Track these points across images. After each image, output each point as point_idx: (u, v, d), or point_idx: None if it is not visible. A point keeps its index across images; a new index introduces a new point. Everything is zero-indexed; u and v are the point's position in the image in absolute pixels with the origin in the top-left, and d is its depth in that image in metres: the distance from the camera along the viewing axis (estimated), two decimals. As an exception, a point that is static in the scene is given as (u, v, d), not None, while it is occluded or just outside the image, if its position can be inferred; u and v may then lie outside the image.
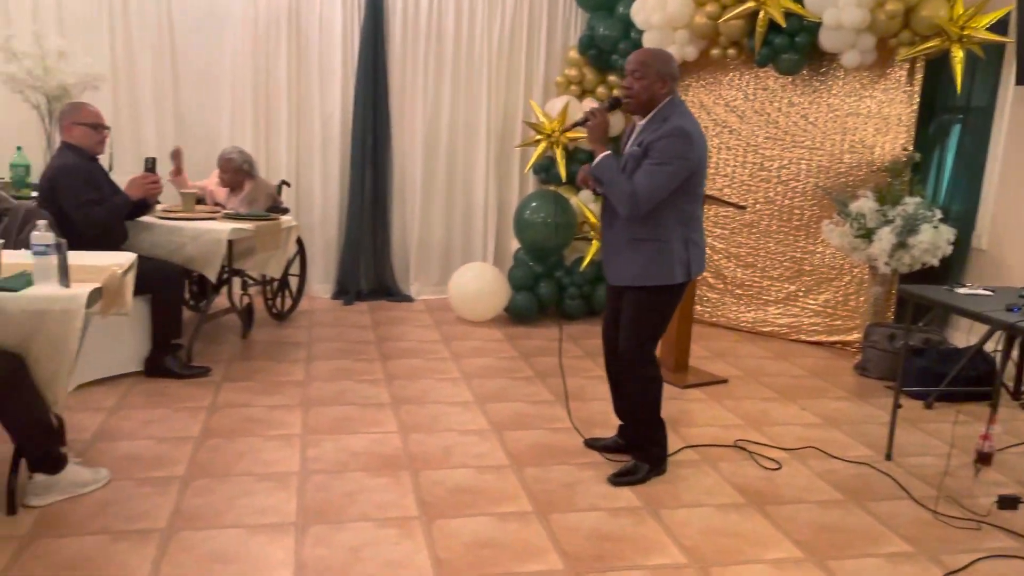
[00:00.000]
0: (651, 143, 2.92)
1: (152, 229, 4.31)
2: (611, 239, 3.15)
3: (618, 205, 2.98)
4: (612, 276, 3.18)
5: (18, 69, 4.58)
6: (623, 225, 3.05)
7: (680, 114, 2.98)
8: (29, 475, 2.76)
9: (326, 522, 2.76)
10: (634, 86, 2.99)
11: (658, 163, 2.89)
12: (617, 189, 2.95)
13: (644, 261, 3.03)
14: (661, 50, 3.16)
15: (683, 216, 3.04)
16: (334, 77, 5.98)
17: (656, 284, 3.04)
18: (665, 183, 2.91)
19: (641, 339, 3.13)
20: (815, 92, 5.39)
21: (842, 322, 5.39)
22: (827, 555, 2.71)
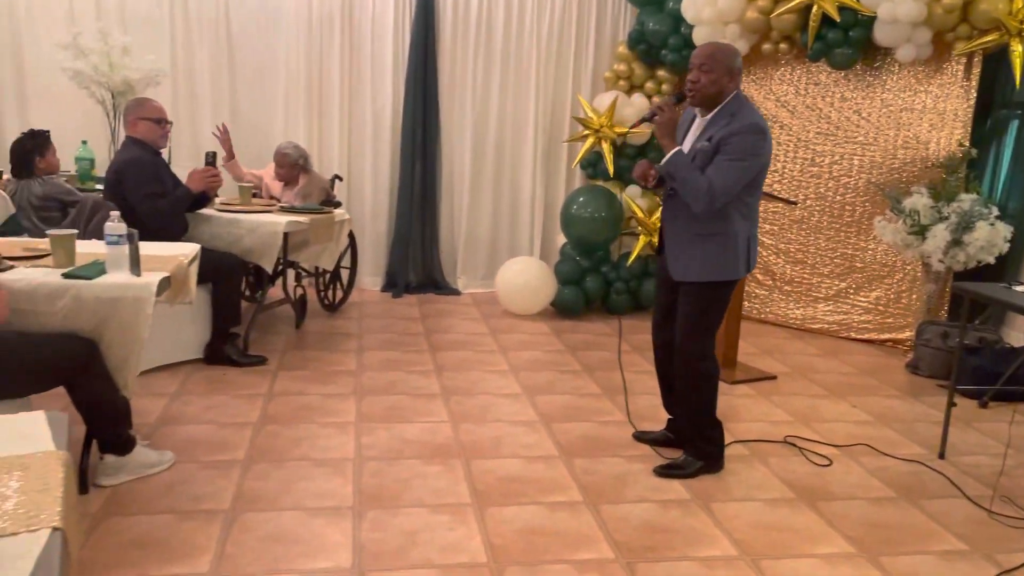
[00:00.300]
0: (724, 138, 2.90)
1: (211, 221, 4.43)
2: (675, 235, 3.14)
3: (693, 201, 2.95)
4: (676, 272, 3.14)
5: (85, 65, 4.75)
6: (688, 220, 3.04)
7: (750, 110, 2.98)
8: (100, 456, 2.87)
9: (382, 507, 2.83)
10: (701, 79, 2.97)
11: (733, 159, 2.88)
12: (692, 185, 2.92)
13: (710, 256, 3.03)
14: (728, 44, 3.15)
15: (746, 210, 3.04)
16: (385, 73, 6.07)
17: (720, 279, 3.05)
18: (740, 179, 2.91)
19: (701, 335, 3.13)
20: (868, 87, 5.32)
21: (893, 320, 5.33)
22: (879, 551, 2.70)
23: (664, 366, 3.40)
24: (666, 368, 3.39)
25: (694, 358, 3.15)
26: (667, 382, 3.43)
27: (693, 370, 3.17)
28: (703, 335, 3.14)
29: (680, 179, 2.96)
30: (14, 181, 4.30)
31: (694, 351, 3.14)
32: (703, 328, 3.13)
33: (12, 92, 5.53)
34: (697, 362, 3.15)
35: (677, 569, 2.53)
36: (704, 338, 3.14)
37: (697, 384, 3.18)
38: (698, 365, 3.15)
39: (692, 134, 3.10)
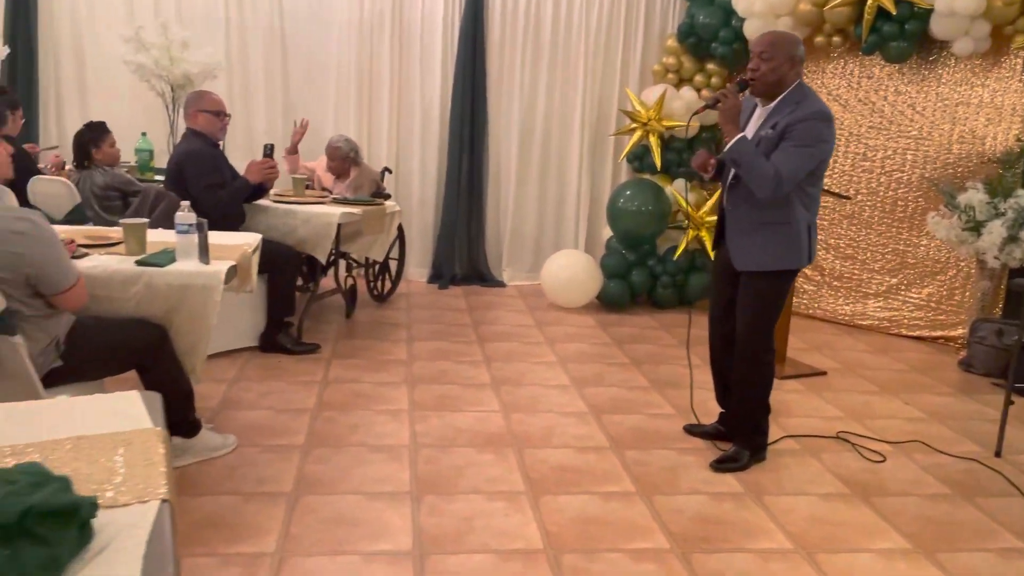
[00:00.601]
0: (790, 125, 2.90)
1: (267, 212, 4.53)
2: (737, 224, 3.13)
3: (758, 188, 2.93)
4: (739, 261, 3.13)
5: (146, 59, 4.87)
6: (750, 209, 3.05)
7: (815, 98, 2.98)
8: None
9: (438, 493, 2.89)
10: (761, 67, 2.96)
11: (800, 145, 2.88)
12: (758, 171, 2.91)
13: (773, 245, 3.03)
14: (789, 32, 3.16)
15: (807, 200, 3.03)
16: (434, 67, 6.13)
17: (782, 268, 3.05)
18: (806, 165, 2.91)
19: (762, 325, 3.13)
20: (923, 81, 5.25)
21: (946, 317, 5.26)
22: (936, 547, 2.69)
23: (719, 360, 3.40)
24: (721, 362, 3.39)
25: (756, 349, 3.15)
26: (721, 376, 3.42)
27: (754, 361, 3.16)
28: (766, 326, 3.14)
29: (745, 165, 2.94)
30: (77, 171, 4.43)
31: (756, 342, 3.14)
32: (766, 319, 3.13)
33: (74, 86, 5.69)
34: (759, 353, 3.15)
35: (733, 560, 2.55)
36: (767, 329, 3.14)
37: (756, 376, 3.19)
38: (759, 356, 3.15)
39: (753, 123, 3.10)
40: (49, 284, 2.35)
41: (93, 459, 1.32)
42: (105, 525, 1.11)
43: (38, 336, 2.42)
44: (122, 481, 1.26)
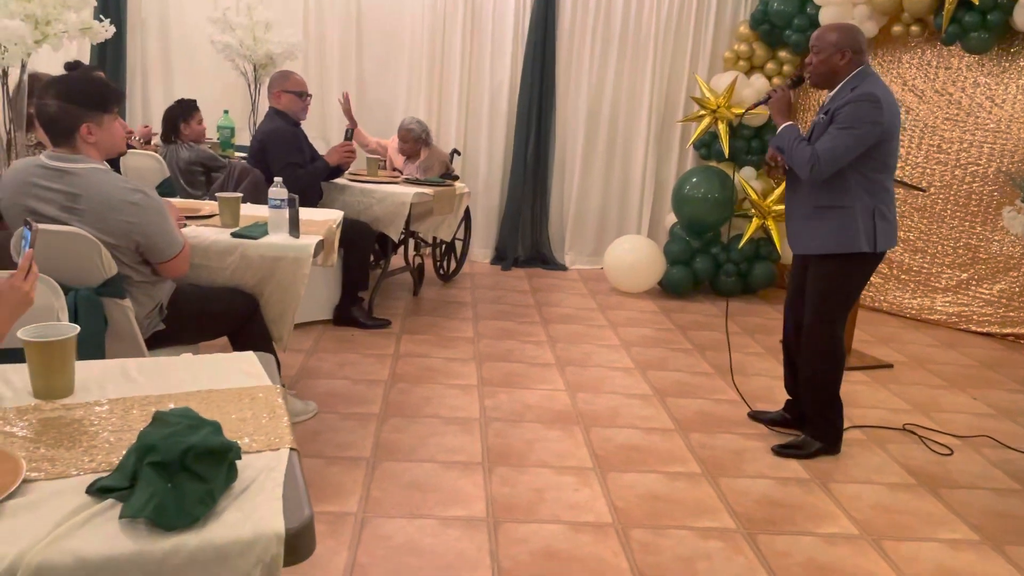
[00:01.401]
0: (837, 108, 2.96)
1: (344, 190, 4.68)
2: (795, 208, 3.19)
3: (799, 169, 3.03)
4: (796, 245, 3.20)
5: (232, 39, 5.04)
6: (807, 193, 3.09)
7: (871, 82, 2.98)
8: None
9: (509, 465, 2.99)
10: (812, 60, 3.08)
11: (842, 127, 2.92)
12: (797, 153, 3.01)
13: (827, 229, 3.04)
14: (844, 23, 3.21)
15: (871, 185, 3.01)
16: (504, 50, 6.20)
17: (839, 252, 3.04)
18: (850, 146, 2.92)
19: (825, 313, 3.13)
20: (1004, 72, 5.14)
21: (1017, 314, 5.17)
22: (1004, 540, 2.71)
23: (791, 346, 3.42)
24: (792, 349, 3.41)
25: (818, 336, 3.15)
26: (792, 363, 3.44)
27: (817, 348, 3.17)
28: (829, 313, 3.13)
29: (787, 149, 3.08)
30: (163, 146, 4.64)
31: (819, 329, 3.15)
32: (829, 306, 3.13)
33: (159, 64, 5.92)
34: (821, 341, 3.15)
35: (798, 543, 2.60)
36: (830, 317, 3.13)
37: (820, 363, 3.19)
38: (821, 344, 3.16)
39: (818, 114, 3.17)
40: (156, 252, 2.50)
41: (224, 410, 1.45)
42: (244, 467, 1.24)
43: (144, 300, 2.58)
44: (253, 430, 1.38)
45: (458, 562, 2.35)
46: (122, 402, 1.47)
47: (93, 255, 2.34)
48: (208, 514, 1.11)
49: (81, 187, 2.34)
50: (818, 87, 3.19)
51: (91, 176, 2.37)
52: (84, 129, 2.32)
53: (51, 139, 2.38)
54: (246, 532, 1.09)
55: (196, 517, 1.09)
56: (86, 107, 2.33)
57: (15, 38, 2.99)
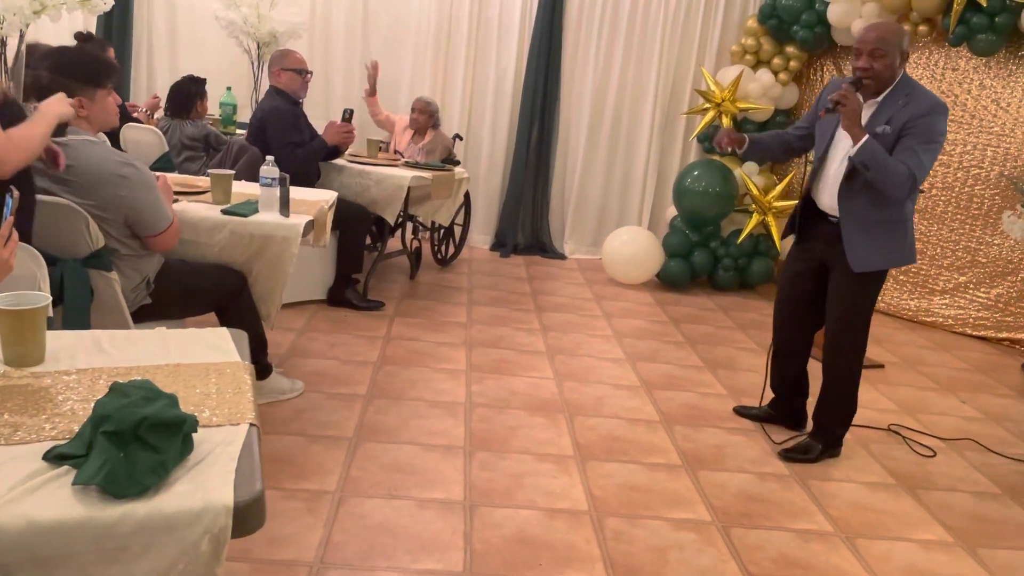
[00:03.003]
0: (910, 121, 2.81)
1: (342, 171, 4.69)
2: (854, 224, 2.98)
3: (893, 189, 2.83)
4: (857, 262, 2.99)
5: (236, 16, 5.05)
6: (866, 206, 2.94)
7: (924, 89, 2.88)
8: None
9: (490, 450, 3.01)
10: (874, 65, 2.84)
11: (926, 142, 2.80)
12: (892, 172, 2.79)
13: (889, 244, 2.98)
14: (894, 24, 3.06)
15: (914, 196, 2.99)
16: (511, 36, 6.19)
17: (900, 266, 3.06)
18: (933, 162, 2.87)
19: (857, 324, 3.10)
20: (1010, 76, 5.10)
21: (1014, 319, 5.15)
22: (978, 543, 2.72)
23: (781, 349, 3.39)
24: (788, 353, 3.38)
25: (849, 347, 3.11)
26: (784, 366, 3.41)
27: (846, 358, 3.13)
28: (861, 323, 3.10)
29: (877, 167, 2.81)
30: (167, 119, 4.64)
31: (850, 340, 3.11)
32: (862, 316, 3.10)
33: (165, 39, 5.93)
34: (851, 351, 3.12)
35: (772, 537, 2.61)
36: (861, 327, 3.11)
37: (848, 369, 3.15)
38: (851, 354, 3.12)
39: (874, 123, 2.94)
40: (145, 226, 2.52)
41: (190, 384, 1.47)
42: (201, 440, 1.26)
43: (131, 274, 2.60)
44: (215, 404, 1.40)
45: (431, 543, 2.37)
46: (90, 372, 1.49)
47: (81, 226, 2.36)
48: (160, 484, 1.13)
49: (72, 158, 2.36)
50: (873, 96, 2.92)
51: (82, 148, 2.38)
52: (76, 102, 2.34)
53: (43, 110, 2.40)
54: (195, 503, 1.11)
55: (147, 486, 1.11)
56: (79, 80, 2.35)
57: (14, 8, 2.99)
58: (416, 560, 2.28)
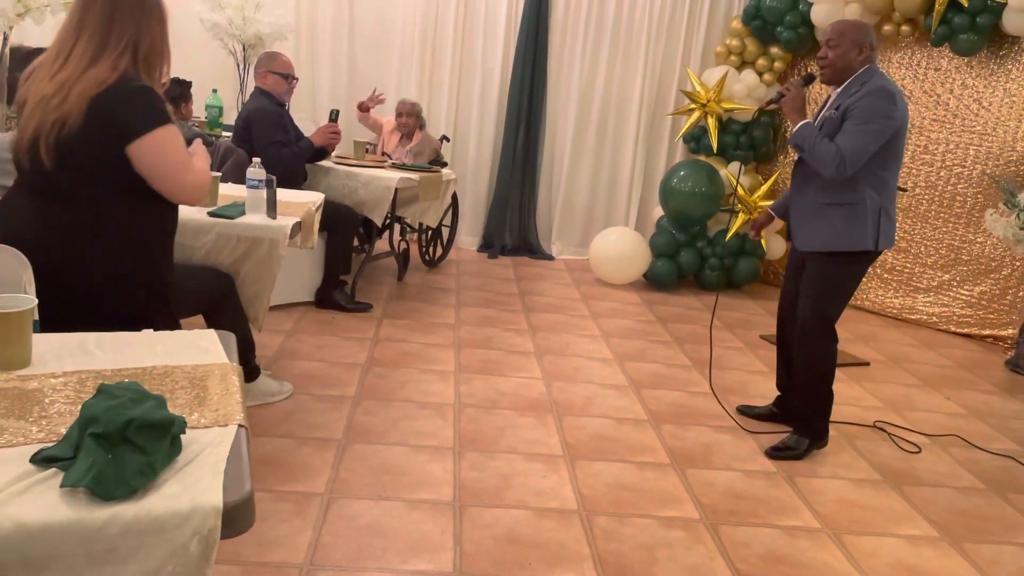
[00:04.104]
0: (851, 105, 2.94)
1: (329, 173, 4.68)
2: (801, 204, 3.15)
3: (823, 168, 2.96)
4: (801, 242, 3.17)
5: (221, 18, 5.03)
6: (816, 190, 3.06)
7: (881, 78, 2.98)
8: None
9: (479, 450, 3.02)
10: (829, 55, 3.03)
11: (861, 123, 2.89)
12: (820, 152, 2.94)
13: (835, 226, 3.03)
14: (857, 20, 3.22)
15: (877, 183, 3.01)
16: (497, 38, 6.20)
17: (845, 250, 3.04)
18: (870, 143, 2.90)
19: (823, 310, 3.13)
20: (991, 75, 5.16)
21: (996, 316, 5.21)
22: (963, 538, 2.74)
23: (784, 344, 3.43)
24: (786, 346, 3.42)
25: (816, 334, 3.15)
26: (786, 361, 3.44)
27: (814, 345, 3.16)
28: (827, 311, 3.13)
29: (808, 148, 2.99)
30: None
31: (816, 327, 3.14)
32: (827, 303, 3.13)
33: (150, 40, 5.89)
34: (816, 337, 3.15)
35: (759, 534, 2.63)
36: (828, 314, 3.13)
37: (816, 362, 3.18)
38: (816, 340, 3.15)
39: (825, 109, 3.14)
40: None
41: (178, 385, 1.47)
42: (190, 442, 1.25)
43: (117, 277, 2.58)
44: (204, 406, 1.40)
45: (421, 544, 2.38)
46: (77, 375, 1.48)
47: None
48: (148, 486, 1.13)
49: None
50: (829, 83, 3.11)
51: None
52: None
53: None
54: (184, 504, 1.11)
55: (135, 488, 1.11)
56: None
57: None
58: (405, 561, 2.28)
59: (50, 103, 2.02)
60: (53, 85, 2.03)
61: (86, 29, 2.07)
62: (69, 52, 2.06)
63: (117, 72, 2.05)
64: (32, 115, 2.04)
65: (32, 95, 2.07)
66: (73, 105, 2.00)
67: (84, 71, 2.03)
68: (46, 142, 2.01)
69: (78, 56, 2.05)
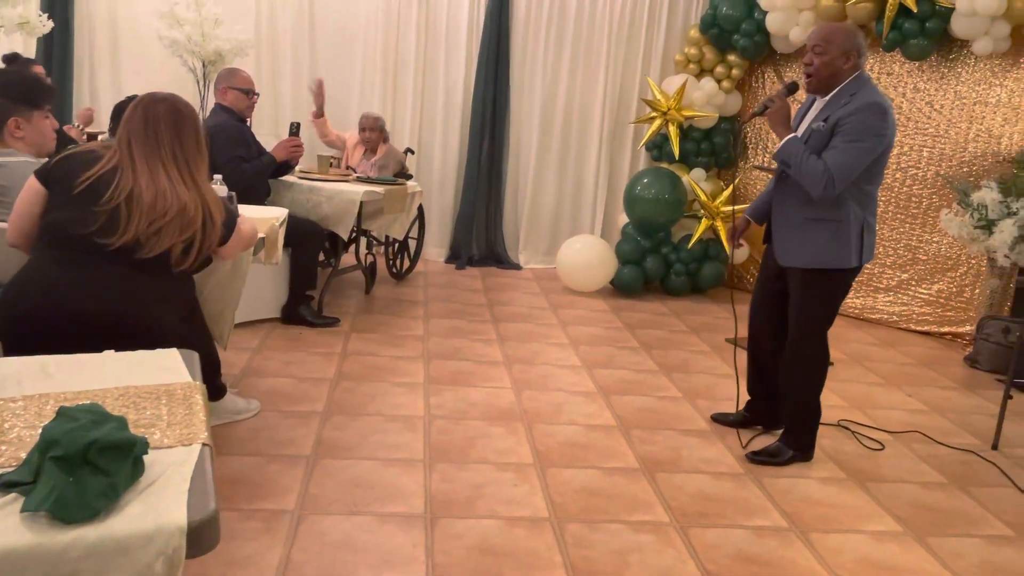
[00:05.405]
0: (842, 119, 2.84)
1: (292, 187, 4.67)
2: (784, 218, 3.09)
3: (810, 187, 2.88)
4: (784, 257, 3.10)
5: (180, 34, 5.00)
6: (799, 205, 3.00)
7: (871, 89, 2.90)
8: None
9: (450, 461, 3.02)
10: (815, 62, 2.91)
11: (852, 140, 2.81)
12: (808, 170, 2.86)
13: (821, 243, 2.97)
14: (844, 24, 3.10)
15: (862, 197, 2.97)
16: (459, 49, 6.23)
17: (831, 268, 2.99)
18: (860, 161, 2.83)
19: (813, 328, 3.11)
20: (942, 79, 5.29)
21: (954, 313, 5.33)
22: (926, 532, 2.80)
23: (755, 349, 3.43)
24: (756, 351, 3.43)
25: (805, 350, 3.13)
26: (757, 365, 3.45)
27: (804, 362, 3.15)
28: (817, 328, 3.11)
29: (795, 165, 2.90)
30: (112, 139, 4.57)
31: (806, 344, 3.12)
32: (817, 320, 3.10)
33: (107, 59, 5.83)
34: (807, 355, 3.13)
35: (729, 535, 2.66)
36: (817, 330, 3.12)
37: (805, 377, 3.17)
38: (809, 358, 3.14)
39: (808, 117, 3.05)
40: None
41: (141, 406, 1.46)
42: (153, 462, 1.25)
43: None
44: (167, 426, 1.39)
45: (393, 557, 2.37)
46: (37, 398, 1.47)
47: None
48: (111, 507, 1.12)
49: (8, 179, 2.32)
50: (815, 92, 3.01)
51: (18, 169, 2.35)
52: (12, 124, 2.31)
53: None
54: (148, 525, 1.11)
55: (97, 510, 1.10)
56: (14, 101, 2.31)
57: (-51, 31, 2.94)
58: (377, 575, 2.28)
59: (194, 218, 2.26)
60: (192, 201, 2.28)
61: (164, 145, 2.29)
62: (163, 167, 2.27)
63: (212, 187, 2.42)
64: (171, 223, 2.24)
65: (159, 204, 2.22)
66: (216, 221, 2.32)
67: (195, 186, 2.30)
68: (184, 246, 2.26)
69: (179, 173, 2.28)
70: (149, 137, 2.27)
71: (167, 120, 2.30)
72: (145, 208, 2.19)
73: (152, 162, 2.26)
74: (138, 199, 2.19)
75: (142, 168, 2.23)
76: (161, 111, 2.30)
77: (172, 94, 2.40)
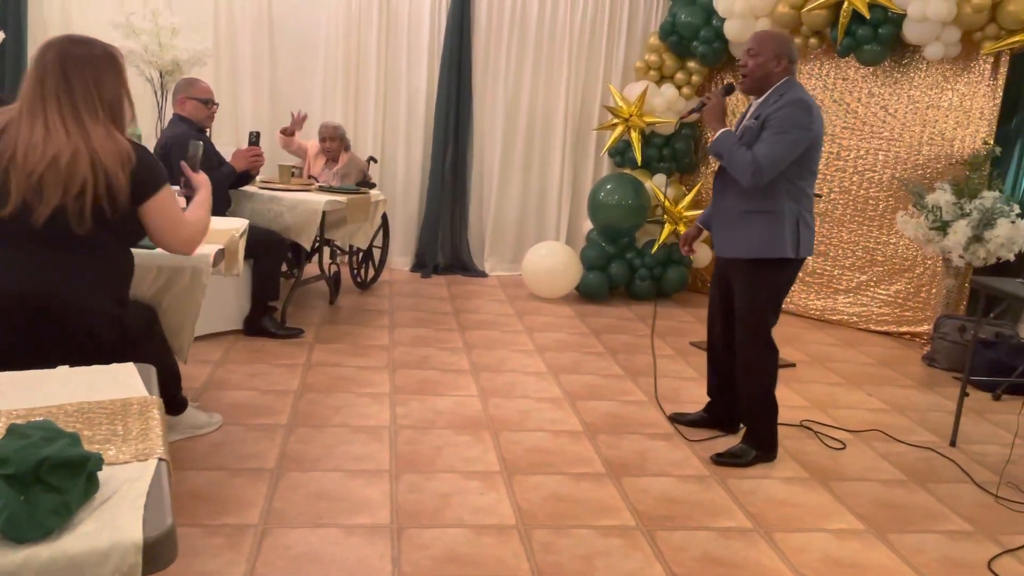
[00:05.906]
0: (769, 115, 3.02)
1: (253, 198, 4.62)
2: (722, 212, 3.25)
3: (740, 176, 3.05)
4: (722, 248, 3.27)
5: (136, 44, 4.93)
6: (735, 198, 3.15)
7: (798, 90, 3.08)
8: (155, 415, 3.06)
9: (417, 471, 3.00)
10: (749, 63, 3.12)
11: (778, 132, 2.98)
12: (738, 160, 3.04)
13: (756, 234, 3.10)
14: (780, 31, 3.30)
15: (795, 192, 3.10)
16: (421, 57, 6.23)
17: (767, 257, 3.11)
18: (786, 152, 2.99)
19: (756, 321, 3.18)
20: (896, 83, 5.41)
21: (912, 313, 5.43)
22: (887, 529, 2.85)
23: (713, 350, 3.51)
24: (715, 353, 3.49)
25: (752, 343, 3.21)
26: (715, 366, 3.52)
27: (752, 358, 3.22)
28: (760, 320, 3.19)
29: (726, 156, 3.09)
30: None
31: (751, 336, 3.20)
32: (760, 313, 3.18)
33: (62, 69, 5.73)
34: (754, 345, 3.21)
35: (694, 538, 2.68)
36: (761, 323, 3.19)
37: (755, 371, 3.24)
38: (755, 347, 3.21)
39: (746, 119, 3.22)
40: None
41: (95, 422, 1.43)
42: (108, 479, 1.23)
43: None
44: (122, 441, 1.37)
45: (359, 569, 2.35)
46: (-12, 416, 1.43)
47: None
48: (64, 525, 1.10)
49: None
50: (748, 92, 3.22)
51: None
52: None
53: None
54: (102, 542, 1.09)
55: (50, 529, 1.08)
56: None
57: None
58: (344, 587, 2.26)
59: (74, 168, 2.08)
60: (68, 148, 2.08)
61: (49, 93, 2.12)
62: (44, 116, 2.11)
63: (118, 136, 2.20)
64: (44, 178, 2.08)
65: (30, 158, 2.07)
66: (109, 171, 2.12)
67: (79, 131, 2.11)
68: (78, 204, 2.10)
69: (60, 120, 2.11)
70: (35, 87, 2.13)
71: (53, 65, 2.13)
72: (19, 166, 2.06)
73: (34, 113, 2.10)
74: (12, 159, 2.07)
75: (25, 123, 2.10)
76: (50, 57, 2.15)
77: (72, 35, 2.24)
